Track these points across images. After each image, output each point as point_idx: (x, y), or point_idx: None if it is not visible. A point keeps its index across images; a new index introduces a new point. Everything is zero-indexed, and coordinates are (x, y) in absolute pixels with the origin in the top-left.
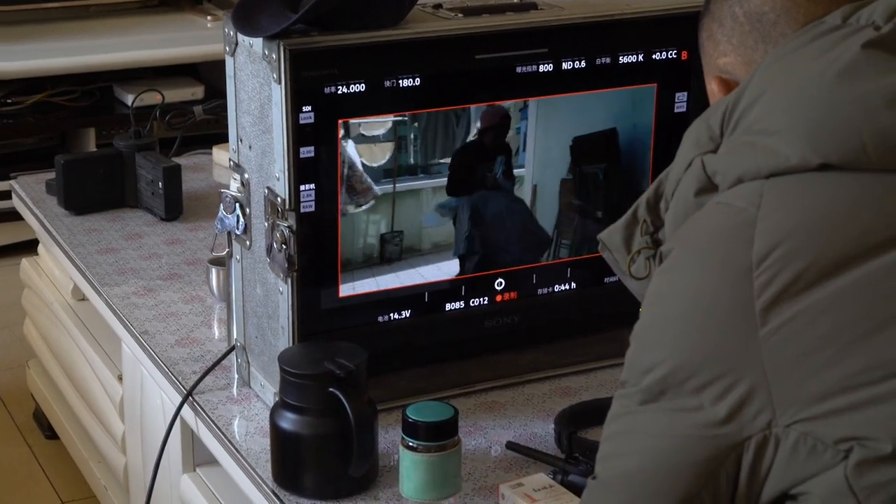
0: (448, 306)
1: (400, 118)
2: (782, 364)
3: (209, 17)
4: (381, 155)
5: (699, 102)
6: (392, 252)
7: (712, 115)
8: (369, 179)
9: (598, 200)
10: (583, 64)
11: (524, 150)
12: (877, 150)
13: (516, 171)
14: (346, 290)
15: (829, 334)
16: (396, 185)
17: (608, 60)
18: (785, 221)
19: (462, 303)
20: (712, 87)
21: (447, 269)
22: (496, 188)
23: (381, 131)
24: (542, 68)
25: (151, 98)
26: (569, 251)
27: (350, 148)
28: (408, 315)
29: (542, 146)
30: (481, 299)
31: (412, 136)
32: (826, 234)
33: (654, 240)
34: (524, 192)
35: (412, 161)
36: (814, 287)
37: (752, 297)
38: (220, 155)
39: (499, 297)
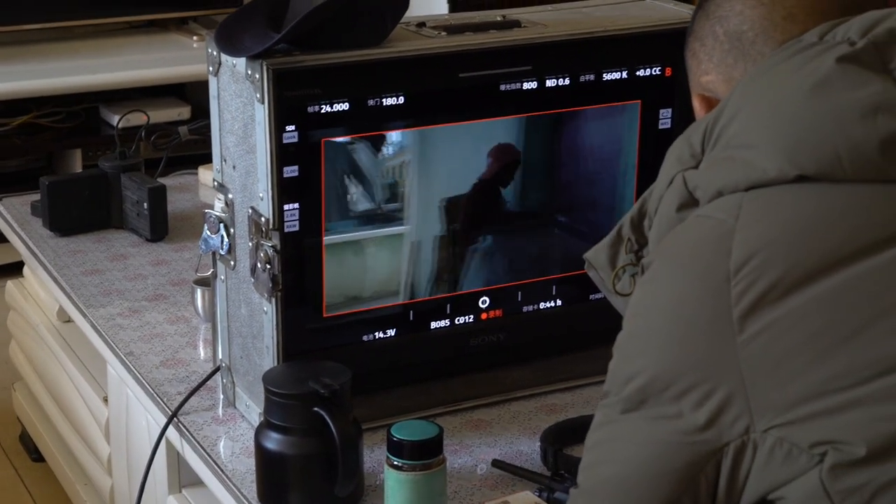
0: (433, 324)
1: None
2: (759, 370)
3: (195, 38)
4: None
5: (683, 119)
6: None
7: (694, 132)
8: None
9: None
10: (567, 81)
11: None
12: (851, 161)
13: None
14: (331, 309)
15: (804, 341)
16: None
17: (592, 77)
18: (762, 232)
19: (447, 321)
20: (695, 105)
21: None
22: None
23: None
24: (525, 86)
25: (137, 119)
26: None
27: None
28: (393, 334)
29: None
30: (467, 317)
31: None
32: (802, 243)
33: (638, 257)
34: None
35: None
36: (789, 295)
37: (729, 306)
38: (205, 175)
39: (484, 315)
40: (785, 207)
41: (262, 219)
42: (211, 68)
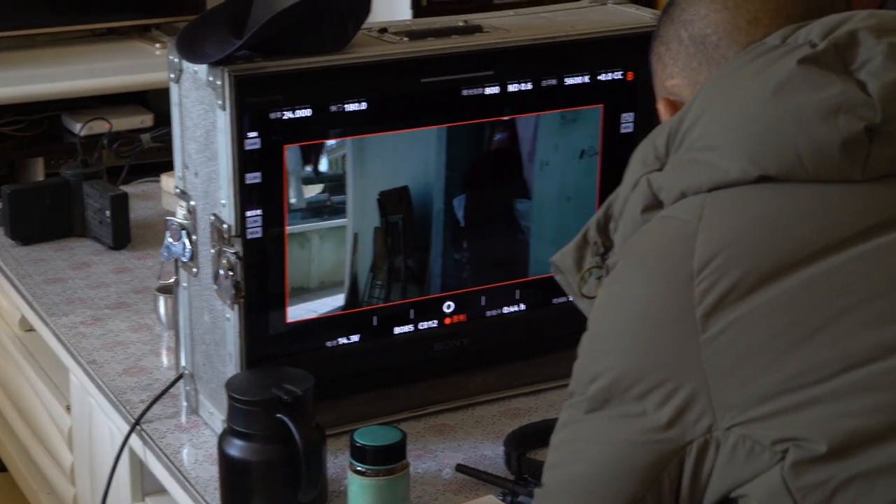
0: (397, 330)
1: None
2: (722, 369)
3: (157, 45)
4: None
5: (645, 123)
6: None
7: (658, 135)
8: None
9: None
10: (529, 86)
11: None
12: (812, 161)
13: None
14: (294, 315)
15: (765, 339)
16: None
17: (554, 82)
18: (725, 232)
19: (411, 326)
20: (660, 109)
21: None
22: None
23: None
24: (488, 91)
25: (100, 127)
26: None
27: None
28: (356, 339)
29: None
30: (430, 322)
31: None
32: (763, 243)
33: (604, 260)
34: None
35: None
36: (751, 294)
37: (692, 305)
38: (168, 182)
39: (448, 320)
40: (747, 208)
41: (225, 226)
42: (172, 75)
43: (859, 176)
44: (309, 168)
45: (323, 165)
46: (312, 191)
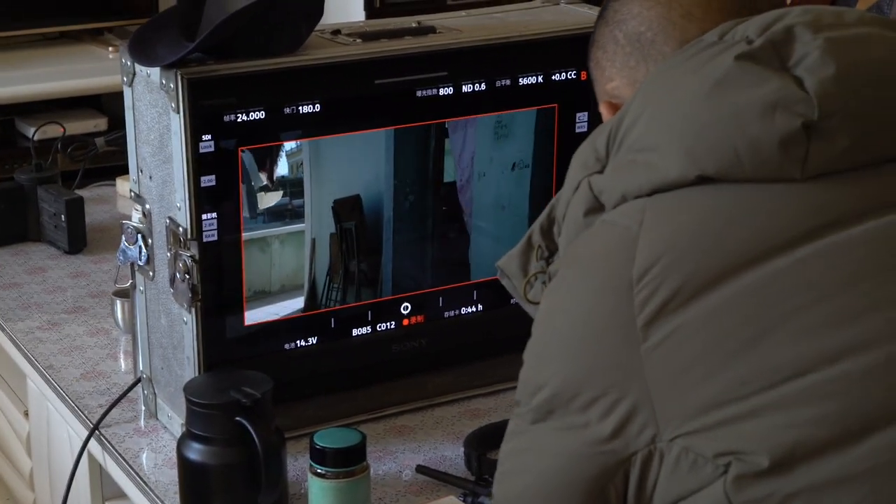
0: (355, 332)
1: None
2: (664, 379)
3: (110, 49)
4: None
5: (599, 122)
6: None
7: (598, 136)
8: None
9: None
10: (483, 87)
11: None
12: (751, 160)
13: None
14: (252, 318)
15: (705, 349)
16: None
17: (508, 82)
18: (664, 238)
19: (369, 328)
20: (602, 113)
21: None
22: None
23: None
24: (442, 91)
25: (54, 131)
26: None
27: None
28: (314, 342)
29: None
30: (388, 324)
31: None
32: (703, 248)
33: (549, 264)
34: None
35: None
36: (691, 302)
37: (633, 314)
38: (123, 186)
39: (406, 321)
40: (686, 211)
41: (180, 229)
42: (125, 79)
43: (799, 175)
44: (264, 174)
45: (282, 169)
46: (272, 197)
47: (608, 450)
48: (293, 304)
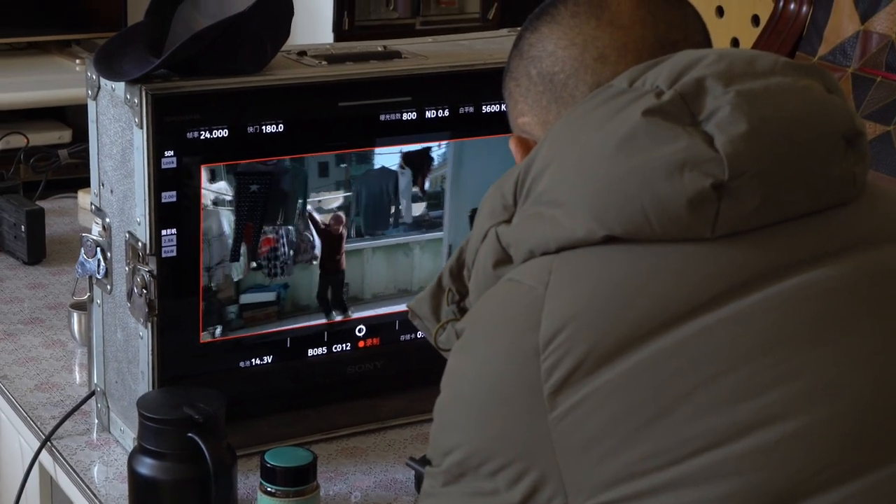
0: (310, 352)
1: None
2: (572, 449)
3: (77, 61)
4: None
5: None
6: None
7: (505, 182)
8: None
9: None
10: (446, 113)
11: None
12: (659, 220)
13: None
14: (207, 335)
15: (612, 420)
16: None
17: (471, 109)
18: (570, 303)
19: (324, 349)
20: (512, 147)
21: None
22: None
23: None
24: (405, 116)
25: (17, 141)
26: None
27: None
28: (270, 360)
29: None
30: (344, 345)
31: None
32: (608, 315)
33: (460, 308)
34: None
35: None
36: (598, 371)
37: (540, 381)
38: (85, 199)
39: (361, 343)
40: (593, 274)
41: (140, 244)
42: (90, 92)
43: (709, 234)
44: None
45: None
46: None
47: None
48: None
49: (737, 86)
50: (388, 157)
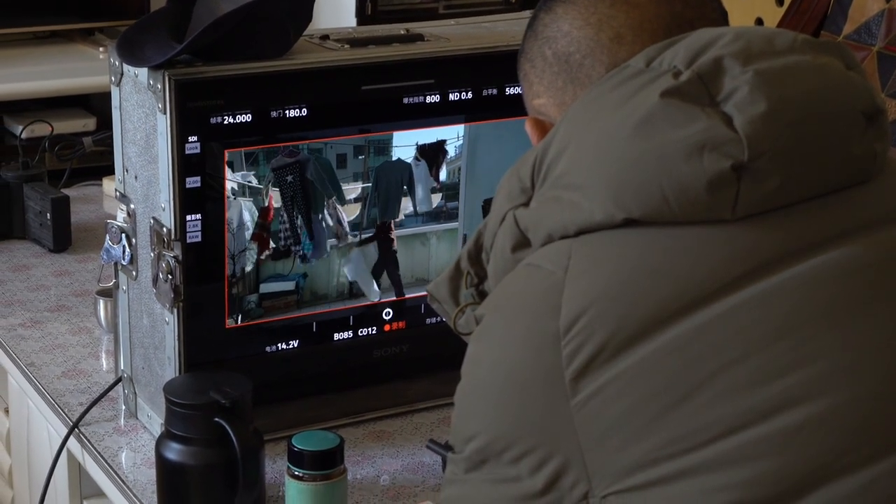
0: (336, 336)
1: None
2: (595, 434)
3: (101, 49)
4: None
5: None
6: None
7: (523, 165)
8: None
9: None
10: (469, 95)
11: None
12: (679, 202)
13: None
14: (233, 320)
15: (637, 404)
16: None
17: (495, 91)
18: (591, 287)
19: (350, 332)
20: (528, 129)
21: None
22: None
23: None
24: (429, 99)
25: (42, 129)
26: None
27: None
28: (296, 345)
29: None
30: (370, 329)
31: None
32: (629, 300)
33: (479, 292)
34: None
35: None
36: (619, 356)
37: (561, 367)
38: (109, 186)
39: (387, 327)
40: (613, 258)
41: (164, 229)
42: (113, 78)
43: (729, 215)
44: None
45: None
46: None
47: None
48: None
49: (755, 65)
50: (405, 149)
